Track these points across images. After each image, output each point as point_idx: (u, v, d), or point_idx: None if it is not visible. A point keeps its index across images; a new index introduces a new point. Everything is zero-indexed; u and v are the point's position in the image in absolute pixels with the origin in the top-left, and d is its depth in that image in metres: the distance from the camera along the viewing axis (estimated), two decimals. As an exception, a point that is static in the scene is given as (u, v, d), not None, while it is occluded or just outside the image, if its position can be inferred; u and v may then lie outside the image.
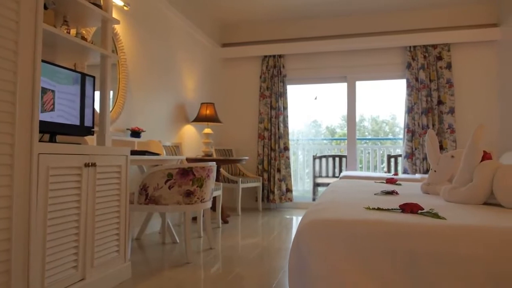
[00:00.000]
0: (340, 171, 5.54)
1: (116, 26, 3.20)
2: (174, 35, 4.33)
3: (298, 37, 5.41)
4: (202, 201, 2.81)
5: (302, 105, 6.85)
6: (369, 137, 8.08)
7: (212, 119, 4.51)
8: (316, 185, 5.49)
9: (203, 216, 3.25)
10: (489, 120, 4.83)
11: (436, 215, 1.16)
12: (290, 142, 5.57)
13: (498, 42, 4.81)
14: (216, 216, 4.01)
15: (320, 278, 1.03)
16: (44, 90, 1.90)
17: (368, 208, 1.29)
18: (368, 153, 6.48)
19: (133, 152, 2.75)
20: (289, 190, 5.32)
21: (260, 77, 5.50)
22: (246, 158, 4.64)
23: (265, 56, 5.47)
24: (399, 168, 5.22)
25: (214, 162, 2.96)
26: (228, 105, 5.67)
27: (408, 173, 4.80)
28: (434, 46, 4.92)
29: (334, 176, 5.56)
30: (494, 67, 4.87)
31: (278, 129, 5.33)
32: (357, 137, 5.44)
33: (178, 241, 3.27)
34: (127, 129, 3.36)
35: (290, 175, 5.34)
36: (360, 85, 5.59)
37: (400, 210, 1.26)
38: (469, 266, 0.96)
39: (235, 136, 5.63)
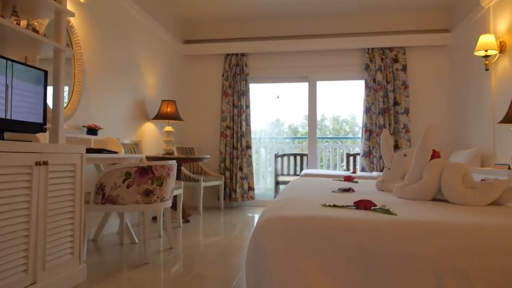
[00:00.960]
0: (301, 169, 5.63)
1: (71, 18, 3.07)
2: (133, 30, 4.22)
3: (261, 36, 5.44)
4: (162, 200, 2.76)
5: (265, 104, 6.89)
6: (330, 136, 8.27)
7: (173, 116, 4.45)
8: (277, 183, 5.55)
9: (163, 215, 3.20)
10: (441, 120, 5.09)
11: (387, 211, 1.21)
12: (253, 141, 5.59)
13: (449, 47, 5.08)
14: (177, 215, 3.95)
15: (276, 274, 1.05)
16: (-10, 84, 1.79)
17: (324, 205, 1.32)
18: (329, 151, 6.63)
19: (89, 150, 2.65)
20: (251, 188, 5.34)
21: (223, 75, 5.48)
22: (208, 156, 4.61)
23: (228, 54, 5.46)
24: (358, 166, 5.38)
25: (175, 161, 2.92)
26: (190, 103, 5.61)
27: (366, 171, 4.96)
28: (391, 49, 5.12)
29: (295, 174, 5.65)
30: (445, 70, 5.14)
31: (241, 127, 5.33)
32: (318, 136, 5.56)
33: (137, 241, 3.19)
34: (83, 126, 3.24)
35: (252, 174, 5.36)
36: (322, 85, 5.71)
37: (355, 207, 1.30)
38: (417, 260, 1.01)
39: (197, 134, 5.57)
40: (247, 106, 5.40)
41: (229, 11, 5.23)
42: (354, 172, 4.51)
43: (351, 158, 5.61)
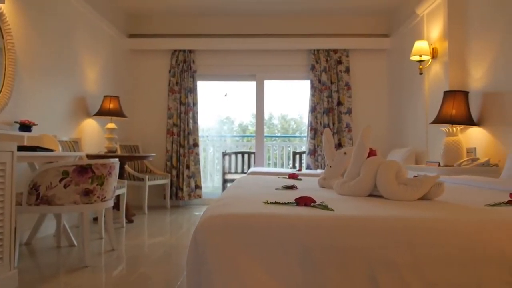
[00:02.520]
0: (249, 167, 5.68)
1: (1, 5, 2.85)
2: (73, 21, 4.00)
3: (209, 33, 5.40)
4: (103, 200, 2.65)
5: (213, 101, 6.85)
6: (278, 134, 8.42)
7: (117, 113, 4.28)
8: (225, 181, 5.55)
9: (104, 216, 3.07)
10: (380, 120, 5.37)
11: (326, 207, 1.25)
12: (201, 139, 5.54)
13: (388, 51, 5.37)
14: (120, 215, 3.81)
15: (217, 272, 1.05)
16: None
17: (267, 203, 1.34)
18: (276, 150, 6.74)
19: (22, 148, 2.48)
20: (198, 186, 5.29)
21: (170, 71, 5.37)
22: (153, 154, 4.49)
23: (175, 50, 5.36)
24: (304, 164, 5.53)
25: (117, 159, 2.81)
26: (135, 99, 5.43)
27: (311, 169, 5.11)
28: (335, 51, 5.30)
29: (243, 172, 5.68)
30: (384, 73, 5.43)
31: (188, 125, 5.26)
32: (267, 135, 5.63)
33: (75, 243, 3.04)
34: (15, 122, 3.02)
35: (199, 172, 5.31)
36: (270, 84, 5.79)
37: (295, 204, 1.33)
38: (352, 253, 1.06)
39: (142, 131, 5.41)
40: (195, 104, 5.34)
41: (176, 6, 5.12)
42: (300, 170, 4.63)
43: (297, 156, 5.75)
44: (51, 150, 2.76)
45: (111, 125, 4.29)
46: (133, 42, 5.36)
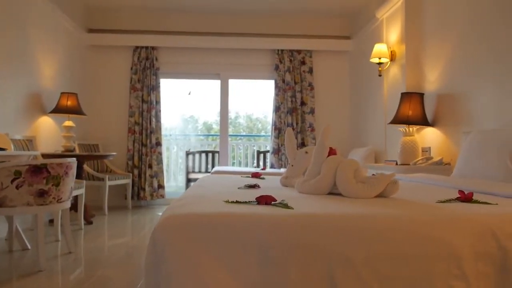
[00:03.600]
0: (213, 166, 5.65)
1: None
2: (27, 13, 3.80)
3: (173, 30, 5.31)
4: (59, 201, 2.55)
5: (177, 100, 6.76)
6: (244, 133, 8.43)
7: (75, 110, 4.12)
8: (189, 180, 5.48)
9: (61, 217, 2.95)
10: (342, 120, 5.51)
11: (286, 206, 1.27)
12: (164, 138, 5.45)
13: (350, 53, 5.51)
14: (78, 217, 3.67)
15: (176, 272, 1.04)
16: None
17: (227, 202, 1.34)
18: (240, 149, 6.75)
19: (-31, 147, 2.33)
20: (161, 186, 5.20)
21: (131, 68, 5.24)
22: (114, 154, 4.36)
23: (137, 47, 5.23)
24: (268, 163, 5.57)
25: (75, 158, 2.71)
26: (95, 97, 5.25)
27: (275, 168, 5.15)
28: (299, 52, 5.38)
29: (207, 171, 5.64)
30: (346, 74, 5.57)
31: (150, 123, 5.15)
32: (232, 134, 5.62)
33: (29, 247, 2.89)
34: (-38, 119, 2.83)
35: (162, 171, 5.22)
36: (235, 83, 5.79)
37: (256, 203, 1.34)
38: (310, 250, 1.08)
39: (102, 130, 5.24)
40: (158, 102, 5.24)
41: (139, 1, 5.00)
42: (264, 169, 4.66)
43: (261, 155, 5.78)
44: (3, 149, 2.61)
45: (68, 123, 4.13)
46: (93, 37, 5.18)
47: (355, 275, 1.07)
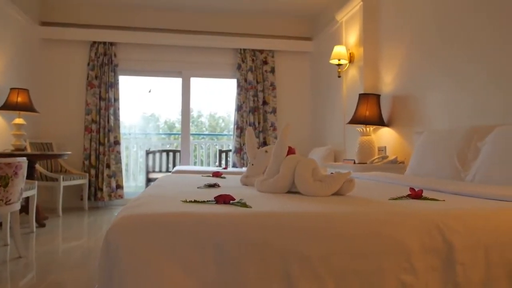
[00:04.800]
0: (174, 165, 5.56)
1: None
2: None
3: (132, 26, 5.17)
4: (8, 203, 2.41)
5: (137, 97, 6.59)
6: (207, 132, 8.36)
7: (26, 107, 3.92)
8: (149, 180, 5.36)
9: (10, 220, 2.79)
10: (303, 120, 5.60)
11: (244, 205, 1.27)
12: (123, 136, 5.30)
13: (311, 54, 5.61)
14: (29, 219, 3.49)
15: (130, 273, 1.01)
16: None
17: (185, 201, 1.33)
18: (203, 148, 6.69)
19: None
20: (119, 186, 5.05)
21: (88, 64, 5.05)
22: (68, 153, 4.19)
23: (94, 42, 5.05)
24: (230, 162, 5.56)
25: (25, 158, 2.57)
26: (48, 93, 5.01)
27: (237, 167, 5.15)
28: (261, 51, 5.41)
29: (167, 171, 5.55)
30: (308, 74, 5.67)
31: (108, 121, 4.99)
32: (194, 133, 5.55)
33: (-26, 252, 2.72)
34: None
35: (121, 171, 5.07)
36: (198, 82, 5.73)
37: (215, 202, 1.33)
38: (267, 248, 1.09)
39: (56, 128, 5.01)
40: (116, 99, 5.08)
41: (96, -4, 4.83)
42: (226, 168, 4.65)
43: (223, 154, 5.77)
44: None
45: (19, 121, 3.91)
46: (46, 30, 4.93)
47: (311, 271, 1.09)
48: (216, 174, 2.63)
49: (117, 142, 5.05)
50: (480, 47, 2.55)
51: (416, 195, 1.58)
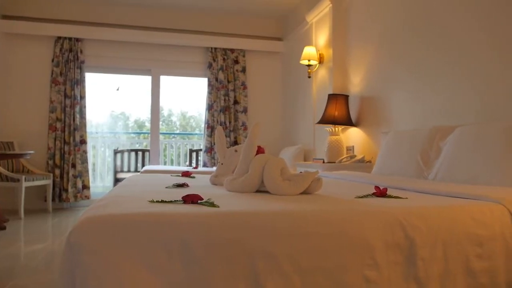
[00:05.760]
0: (143, 165, 5.46)
1: None
2: None
3: (100, 21, 5.03)
4: (-37, 205, 2.29)
5: (106, 95, 6.43)
6: (178, 132, 8.26)
7: (-16, 105, 3.73)
8: (117, 180, 5.24)
9: (-34, 223, 2.65)
10: (274, 120, 5.63)
11: (212, 204, 1.27)
12: (90, 135, 5.15)
13: (282, 54, 5.65)
14: (-13, 221, 3.33)
15: (93, 276, 0.98)
16: None
17: (152, 201, 1.31)
18: (173, 147, 6.61)
19: None
20: (86, 187, 4.91)
21: (53, 60, 4.87)
22: (31, 152, 4.02)
23: (59, 38, 4.87)
24: (200, 161, 5.52)
25: (-18, 157, 2.45)
26: (9, 90, 4.80)
27: (207, 167, 5.12)
28: (232, 51, 5.40)
29: (136, 170, 5.44)
30: (279, 74, 5.70)
31: (74, 120, 4.83)
32: (165, 132, 5.47)
33: None
34: None
35: (87, 171, 4.93)
36: (169, 80, 5.64)
37: (182, 202, 1.32)
38: (234, 247, 1.09)
39: (18, 127, 4.81)
40: (82, 97, 4.93)
41: (61, -10, 4.66)
42: (196, 167, 4.61)
43: (194, 154, 5.72)
44: None
45: (-23, 118, 3.72)
46: (7, 24, 4.71)
47: (277, 269, 1.10)
48: (186, 174, 2.61)
49: (83, 141, 4.90)
50: (443, 51, 2.65)
51: (381, 193, 1.62)
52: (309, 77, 4.40)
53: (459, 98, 2.49)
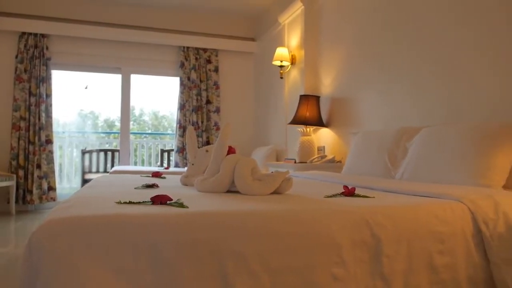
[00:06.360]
0: (113, 166, 5.34)
1: None
2: None
3: (67, 17, 4.88)
4: None
5: (74, 94, 6.24)
6: (149, 131, 8.12)
7: None
8: (85, 181, 5.09)
9: None
10: (247, 120, 5.64)
11: (181, 205, 1.26)
12: (57, 135, 4.98)
13: (254, 54, 5.66)
14: None
15: (56, 282, 0.95)
16: None
17: (119, 203, 1.28)
18: (143, 148, 6.50)
19: None
20: (52, 188, 4.74)
21: (16, 56, 4.68)
22: (-7, 152, 3.85)
23: (24, 33, 4.69)
24: (172, 162, 5.45)
25: None
26: (-31, 87, 4.57)
27: (179, 167, 5.07)
28: (205, 50, 5.36)
29: (105, 171, 5.31)
30: (251, 74, 5.72)
31: (39, 119, 4.66)
32: (136, 132, 5.36)
33: None
34: None
35: (53, 172, 4.76)
36: (140, 79, 5.54)
37: (151, 203, 1.30)
38: (202, 247, 1.08)
39: (-21, 125, 4.59)
40: (48, 95, 4.77)
41: (25, -17, 4.49)
42: (167, 168, 4.55)
43: (166, 154, 5.64)
44: None
45: None
46: (-33, 18, 4.50)
47: (246, 269, 1.10)
48: (156, 174, 2.57)
49: (49, 141, 4.74)
50: (413, 52, 2.74)
51: (349, 192, 1.66)
52: (281, 77, 4.43)
53: (427, 99, 2.57)
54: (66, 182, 5.76)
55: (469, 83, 2.25)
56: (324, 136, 3.86)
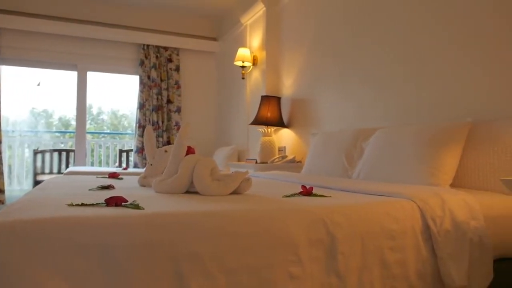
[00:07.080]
0: (68, 166, 5.12)
1: None
2: None
3: (19, 10, 4.63)
4: None
5: (25, 91, 5.93)
6: (108, 131, 7.86)
7: None
8: (37, 183, 4.85)
9: None
10: (208, 120, 5.60)
11: (136, 206, 1.22)
12: (6, 134, 4.71)
13: (216, 54, 5.64)
14: None
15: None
16: None
17: (71, 205, 1.23)
18: (102, 147, 6.29)
19: None
20: (0, 191, 4.48)
21: (-39, 50, 4.38)
22: None
23: (-31, 26, 4.40)
24: (131, 162, 5.31)
25: None
26: None
27: (138, 167, 4.95)
28: (166, 48, 5.27)
29: (59, 172, 5.08)
30: (213, 74, 5.69)
31: (-14, 117, 4.39)
32: (93, 131, 5.18)
33: None
34: None
35: (2, 173, 4.50)
36: (98, 77, 5.35)
37: (105, 204, 1.26)
38: (156, 249, 1.06)
39: None
40: (-3, 92, 4.50)
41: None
42: (126, 168, 4.42)
43: (124, 154, 5.49)
44: None
45: None
46: None
47: (202, 270, 1.09)
48: (113, 175, 2.49)
49: (-3, 140, 4.47)
50: (371, 54, 2.83)
51: (307, 192, 1.69)
52: (243, 78, 4.44)
53: (386, 100, 2.67)
54: (16, 184, 5.46)
55: (426, 84, 2.36)
56: (285, 137, 3.91)
